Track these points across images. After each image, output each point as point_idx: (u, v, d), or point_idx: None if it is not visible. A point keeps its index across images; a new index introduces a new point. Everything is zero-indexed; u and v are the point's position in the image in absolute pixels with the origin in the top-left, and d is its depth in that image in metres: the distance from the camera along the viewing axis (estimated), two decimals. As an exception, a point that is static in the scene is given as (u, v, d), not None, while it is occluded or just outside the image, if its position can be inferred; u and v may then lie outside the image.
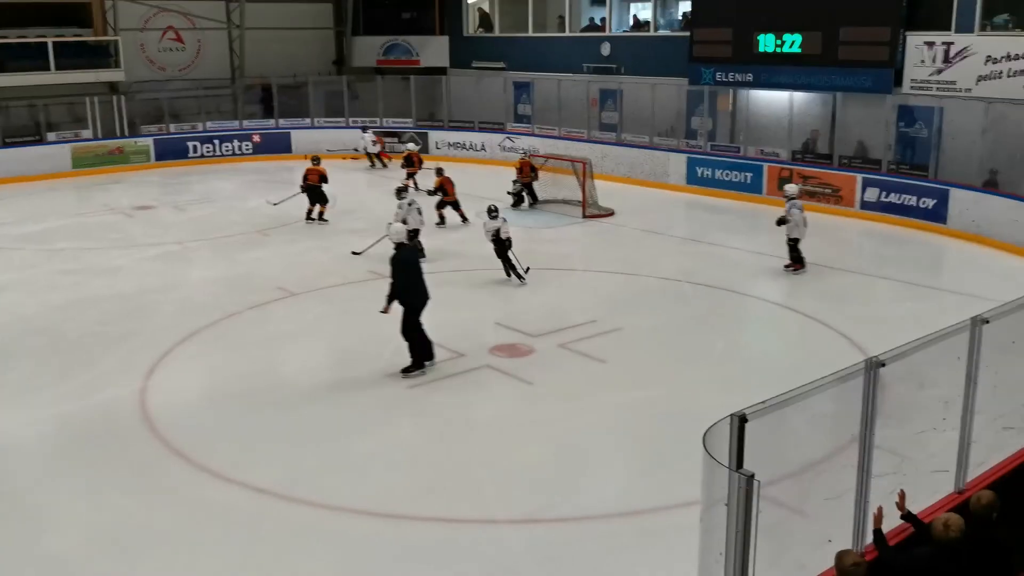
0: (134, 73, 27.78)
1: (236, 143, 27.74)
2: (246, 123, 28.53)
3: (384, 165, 26.29)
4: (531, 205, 20.18)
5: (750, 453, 3.85)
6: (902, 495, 4.99)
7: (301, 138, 28.27)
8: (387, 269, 9.72)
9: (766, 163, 20.82)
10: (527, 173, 20.15)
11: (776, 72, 20.98)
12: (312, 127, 28.66)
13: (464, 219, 18.45)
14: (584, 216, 19.15)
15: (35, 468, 8.48)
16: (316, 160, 19.00)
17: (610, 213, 19.27)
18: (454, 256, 15.65)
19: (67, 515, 7.60)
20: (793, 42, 20.59)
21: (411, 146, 23.69)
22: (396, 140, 28.25)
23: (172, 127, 27.45)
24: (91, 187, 23.31)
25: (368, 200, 22.04)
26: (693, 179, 22.07)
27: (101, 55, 27.29)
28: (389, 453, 8.64)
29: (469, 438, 8.96)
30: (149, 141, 26.80)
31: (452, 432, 9.09)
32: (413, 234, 15.45)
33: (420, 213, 15.76)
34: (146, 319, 12.59)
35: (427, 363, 10.53)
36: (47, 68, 25.95)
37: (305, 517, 7.46)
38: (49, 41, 26.08)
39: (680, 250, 16.53)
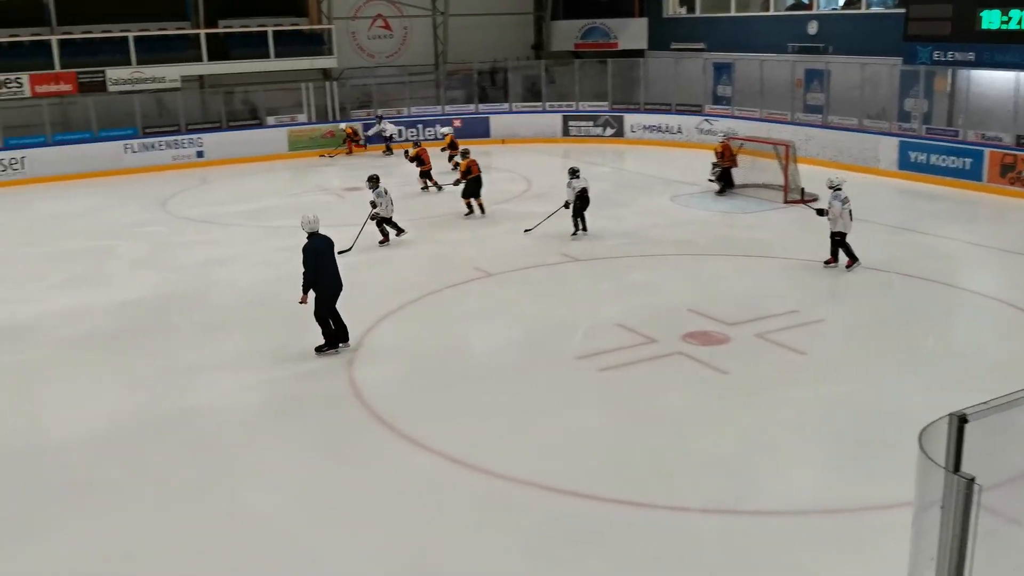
0: (345, 60, 29.21)
1: (438, 128, 28.63)
2: (448, 108, 29.38)
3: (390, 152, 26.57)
4: (723, 191, 19.61)
5: (967, 455, 3.62)
6: None
7: (499, 123, 28.86)
8: (577, 252, 9.80)
9: (987, 148, 19.36)
10: (729, 157, 19.66)
11: (1001, 51, 19.41)
12: (510, 112, 29.16)
13: (439, 187, 20.74)
14: (785, 201, 18.50)
15: (250, 430, 9.10)
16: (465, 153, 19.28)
17: (813, 199, 18.52)
18: (643, 241, 15.53)
19: (278, 474, 8.14)
20: (1021, 19, 18.97)
21: (446, 130, 24.06)
22: (592, 124, 28.33)
23: (379, 112, 28.69)
24: (305, 168, 24.74)
25: (562, 182, 22.20)
26: (905, 164, 20.84)
27: (316, 43, 28.86)
28: (578, 433, 8.70)
29: (659, 424, 8.89)
30: (358, 125, 28.13)
31: (642, 417, 9.04)
32: (386, 220, 16.15)
33: (391, 202, 16.20)
34: (353, 294, 13.17)
35: (341, 344, 10.78)
36: (267, 56, 27.71)
37: (495, 489, 7.65)
38: (269, 30, 27.83)
39: (889, 239, 15.63)
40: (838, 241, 13.48)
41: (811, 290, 12.80)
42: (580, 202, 15.79)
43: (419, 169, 20.99)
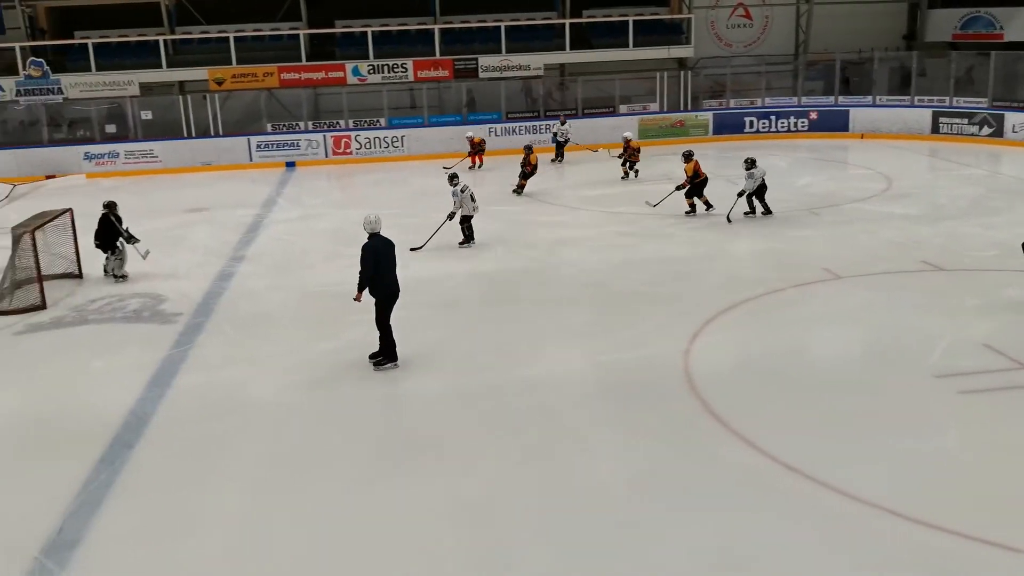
0: (702, 49, 29.11)
1: (792, 119, 27.73)
2: (804, 100, 28.30)
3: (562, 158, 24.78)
4: None
5: None
6: None
7: (860, 116, 27.34)
8: (940, 260, 9.11)
9: None
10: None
11: None
12: (873, 105, 27.49)
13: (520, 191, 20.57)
14: None
15: (586, 406, 9.37)
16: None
17: None
18: (1021, 253, 13.96)
19: (609, 452, 8.33)
20: None
21: (628, 134, 22.22)
22: (966, 121, 25.93)
23: (732, 102, 28.28)
24: (653, 157, 24.98)
25: (926, 183, 20.64)
26: None
27: (674, 32, 29.02)
28: (931, 458, 8.03)
29: (1028, 460, 7.99)
30: (708, 115, 27.97)
31: (1009, 450, 8.10)
32: (464, 220, 15.66)
33: (473, 200, 15.75)
34: (692, 285, 13.24)
35: (390, 364, 10.34)
36: (625, 45, 28.34)
37: (833, 503, 7.28)
38: (630, 19, 28.40)
39: None
40: None
41: None
42: (760, 189, 16.90)
43: (524, 169, 20.59)
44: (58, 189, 24.29)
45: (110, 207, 14.66)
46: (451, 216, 15.89)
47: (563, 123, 25.56)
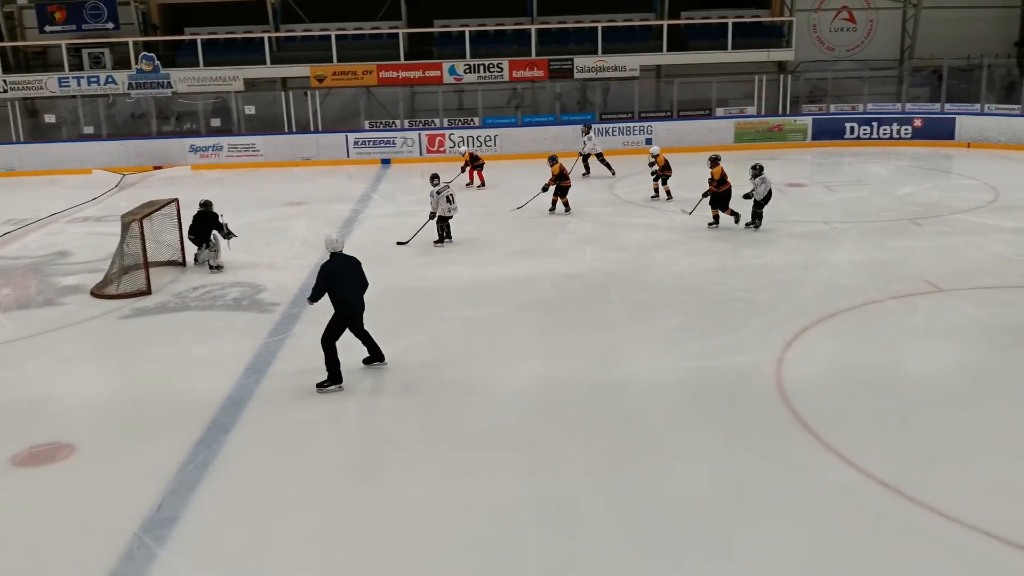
0: (802, 53, 28.55)
1: (895, 126, 26.95)
2: (909, 106, 27.47)
3: (612, 172, 23.03)
4: None
5: None
6: None
7: (967, 124, 26.38)
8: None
9: None
10: None
11: None
12: (980, 113, 26.51)
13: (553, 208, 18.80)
14: None
15: (672, 412, 9.28)
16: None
17: None
18: None
19: (698, 461, 8.24)
20: None
21: (656, 149, 20.51)
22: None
23: (832, 107, 27.64)
24: (747, 161, 24.53)
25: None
26: None
27: (774, 35, 28.50)
28: (1034, 480, 7.75)
29: None
30: (808, 120, 27.38)
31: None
32: (441, 220, 15.92)
33: (449, 201, 15.87)
34: (789, 293, 12.98)
35: (378, 363, 10.37)
36: (724, 47, 27.95)
37: (930, 524, 7.07)
38: (729, 22, 28.00)
39: None
40: None
41: None
42: (767, 197, 16.45)
43: (558, 185, 18.66)
44: (164, 179, 25.21)
45: (207, 205, 15.15)
46: (431, 216, 16.10)
47: (586, 133, 23.71)
